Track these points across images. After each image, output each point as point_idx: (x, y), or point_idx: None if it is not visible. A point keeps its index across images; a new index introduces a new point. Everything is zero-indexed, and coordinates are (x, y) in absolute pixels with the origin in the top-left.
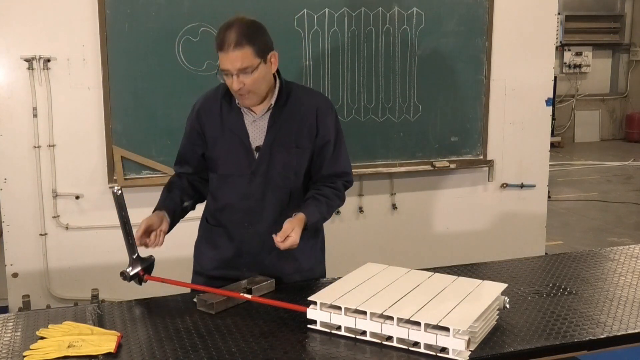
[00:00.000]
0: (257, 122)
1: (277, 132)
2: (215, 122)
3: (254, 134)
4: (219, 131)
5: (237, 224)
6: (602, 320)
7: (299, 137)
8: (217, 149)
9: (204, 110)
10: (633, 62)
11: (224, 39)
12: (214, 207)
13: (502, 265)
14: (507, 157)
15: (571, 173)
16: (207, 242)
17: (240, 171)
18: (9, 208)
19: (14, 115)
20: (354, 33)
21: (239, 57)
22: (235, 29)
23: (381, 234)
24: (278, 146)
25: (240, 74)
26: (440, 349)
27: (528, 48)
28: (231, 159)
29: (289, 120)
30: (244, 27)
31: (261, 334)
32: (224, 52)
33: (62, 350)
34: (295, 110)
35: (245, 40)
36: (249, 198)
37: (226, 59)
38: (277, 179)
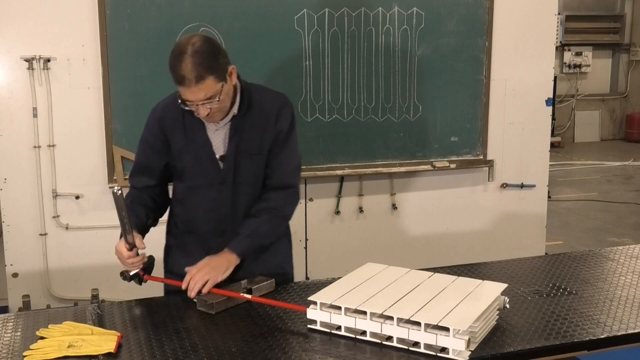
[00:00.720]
0: (220, 131)
1: (239, 140)
2: (180, 132)
3: (217, 143)
4: (183, 142)
5: (209, 232)
6: (602, 320)
7: (261, 143)
8: (182, 160)
9: (167, 119)
10: (633, 62)
11: (182, 75)
12: (184, 215)
13: (502, 265)
14: (507, 157)
15: (571, 173)
16: (178, 249)
17: (208, 181)
18: (9, 208)
19: (14, 115)
20: (354, 33)
21: (202, 90)
22: (191, 61)
23: (381, 234)
24: (241, 154)
25: (206, 103)
26: (440, 349)
27: (528, 48)
28: (198, 169)
29: (250, 127)
30: (200, 57)
31: (261, 334)
32: (185, 87)
33: (62, 350)
34: (256, 116)
35: (204, 71)
36: (219, 207)
37: (188, 93)
38: (245, 186)
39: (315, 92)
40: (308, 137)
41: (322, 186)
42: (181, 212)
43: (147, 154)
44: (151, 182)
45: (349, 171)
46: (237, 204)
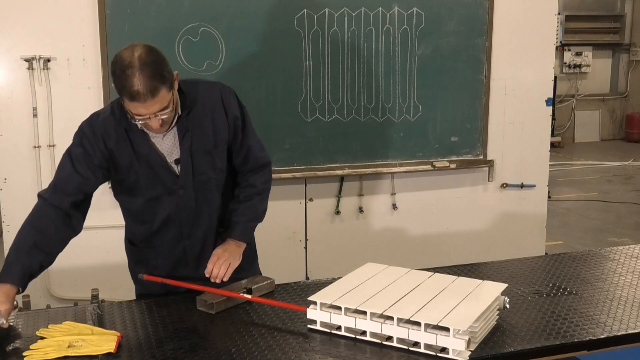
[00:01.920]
0: (168, 136)
1: (191, 139)
2: (126, 147)
3: (168, 149)
4: (132, 156)
5: (174, 239)
6: (602, 320)
7: (215, 136)
8: (134, 173)
9: (109, 136)
10: (633, 62)
11: (136, 90)
12: (143, 229)
13: (502, 265)
14: (507, 157)
15: (571, 173)
16: (142, 265)
17: (167, 189)
18: (9, 208)
19: (14, 115)
20: (354, 33)
21: (156, 103)
22: (143, 74)
23: (381, 234)
24: (197, 152)
25: (159, 114)
26: (440, 349)
27: (528, 48)
28: (154, 179)
29: (198, 124)
30: (150, 69)
31: (261, 334)
32: (139, 102)
33: (62, 350)
34: (200, 112)
35: (158, 83)
36: (182, 211)
37: (142, 107)
38: (206, 183)
39: (315, 92)
40: (308, 137)
41: (322, 186)
42: (139, 227)
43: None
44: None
45: (349, 171)
46: (199, 203)
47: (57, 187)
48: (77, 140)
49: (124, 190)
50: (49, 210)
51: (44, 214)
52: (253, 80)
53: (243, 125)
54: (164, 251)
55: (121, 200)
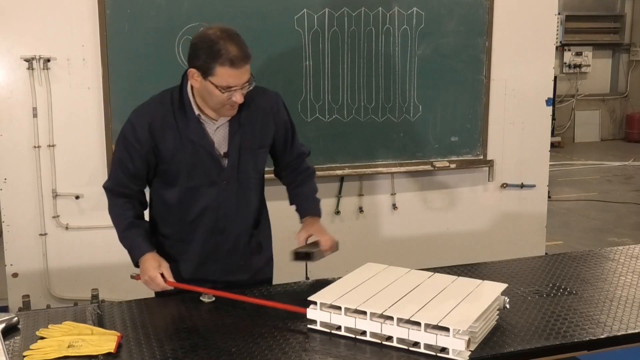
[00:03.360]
0: (219, 130)
1: (241, 136)
2: (173, 134)
3: (218, 142)
4: (178, 144)
5: (209, 233)
6: (602, 320)
7: (262, 137)
8: (176, 162)
9: (156, 123)
10: (633, 62)
11: (233, 54)
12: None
13: (502, 265)
14: (507, 157)
15: (571, 173)
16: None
17: (209, 181)
18: (9, 208)
19: (14, 115)
20: (354, 33)
21: (247, 71)
22: (239, 42)
23: (381, 234)
24: (244, 150)
25: (244, 87)
26: (440, 349)
27: (528, 48)
28: (197, 170)
29: (249, 123)
30: (240, 38)
31: (261, 334)
32: (236, 69)
33: (62, 350)
34: (253, 113)
35: (249, 51)
36: (221, 205)
37: (235, 75)
38: (247, 181)
39: (315, 92)
40: (308, 137)
41: (322, 186)
42: (174, 219)
43: (135, 160)
44: (142, 186)
45: (349, 171)
46: (238, 200)
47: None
48: (127, 131)
49: (162, 181)
50: (119, 200)
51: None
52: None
53: (292, 130)
54: (197, 244)
55: (158, 194)
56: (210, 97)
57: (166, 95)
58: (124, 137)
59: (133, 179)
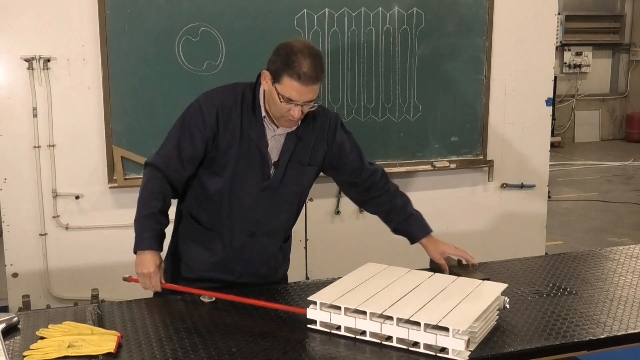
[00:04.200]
0: (277, 137)
1: (294, 149)
2: (234, 126)
3: (271, 148)
4: (237, 136)
5: (239, 232)
6: (602, 320)
7: (313, 154)
8: (230, 154)
9: (223, 110)
10: (633, 62)
11: (304, 70)
12: (211, 211)
13: (502, 265)
14: (507, 157)
15: (571, 173)
16: (196, 243)
17: (252, 182)
18: (9, 208)
19: (14, 115)
20: (354, 33)
21: (313, 91)
22: (314, 60)
23: (381, 234)
24: (294, 163)
25: (305, 106)
26: (440, 349)
27: (528, 48)
28: (245, 167)
29: (305, 139)
30: (320, 60)
31: (261, 334)
32: (302, 85)
33: (62, 350)
34: (310, 129)
35: (321, 73)
36: (256, 209)
37: (299, 90)
38: (288, 194)
39: None
40: None
41: (322, 186)
42: (209, 208)
43: (195, 141)
44: (191, 171)
45: None
46: (275, 209)
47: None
48: (194, 111)
49: (209, 168)
50: (156, 183)
51: (159, 181)
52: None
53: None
54: (224, 239)
55: (201, 179)
56: (273, 104)
57: (239, 88)
58: (190, 116)
59: (184, 161)
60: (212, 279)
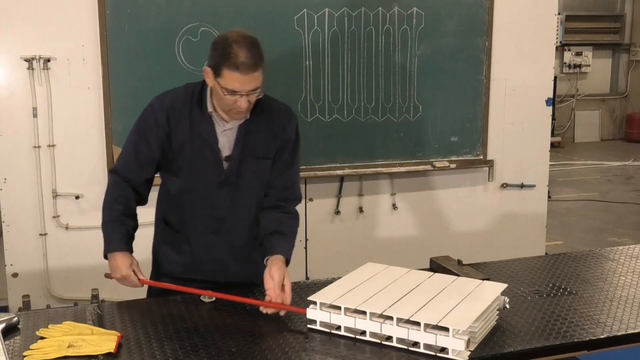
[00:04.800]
0: (227, 132)
1: (246, 143)
2: (185, 125)
3: (222, 143)
4: (187, 136)
5: (203, 230)
6: (602, 320)
7: (267, 147)
8: (183, 154)
9: (174, 111)
10: (633, 62)
11: (241, 60)
12: (177, 212)
13: (502, 265)
14: (507, 157)
15: (571, 173)
16: (168, 245)
17: (208, 179)
18: (9, 208)
19: (14, 115)
20: (354, 33)
21: (254, 79)
22: (251, 48)
23: (381, 234)
24: (247, 157)
25: (250, 95)
26: (440, 349)
27: (528, 48)
28: (199, 166)
29: (258, 132)
30: (257, 47)
31: (261, 334)
32: (242, 75)
33: (62, 350)
34: (263, 122)
35: (260, 61)
36: (217, 207)
37: (240, 80)
38: (246, 189)
39: (315, 92)
40: (308, 137)
41: (322, 186)
42: (174, 210)
43: (150, 144)
44: (149, 175)
45: (349, 171)
46: (235, 205)
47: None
48: (148, 114)
49: (169, 170)
50: (117, 189)
51: (120, 186)
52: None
53: (294, 152)
54: (192, 240)
55: (164, 178)
56: (219, 98)
57: (190, 87)
58: (144, 120)
59: (143, 165)
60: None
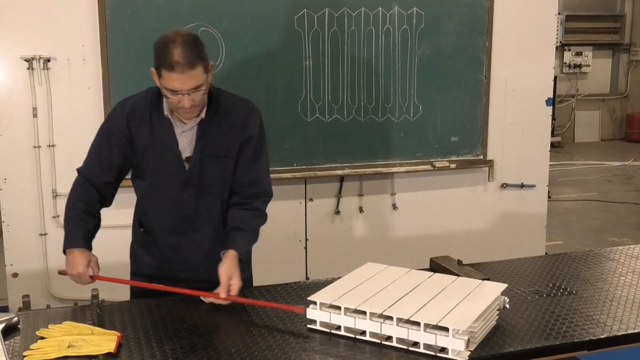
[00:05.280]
0: (186, 133)
1: (205, 142)
2: (146, 129)
3: (183, 145)
4: (149, 139)
5: (170, 231)
6: (602, 320)
7: (228, 146)
8: (146, 158)
9: (134, 116)
10: (633, 62)
11: (175, 60)
12: (145, 215)
13: (502, 265)
14: (507, 157)
15: (571, 173)
16: (141, 247)
17: (171, 181)
18: (9, 208)
19: (14, 115)
20: (354, 33)
21: (193, 77)
22: (185, 47)
23: (381, 234)
24: (208, 156)
25: (192, 93)
26: (440, 349)
27: (528, 48)
28: (162, 168)
29: (217, 131)
30: (193, 44)
31: (261, 334)
32: (176, 74)
33: (62, 350)
34: (223, 121)
35: (196, 58)
36: (182, 207)
37: (178, 79)
38: (209, 188)
39: (315, 92)
40: (308, 137)
41: (322, 186)
42: (144, 212)
43: (112, 148)
44: (110, 178)
45: (349, 171)
46: (200, 204)
47: (92, 162)
48: (111, 117)
49: (136, 173)
50: (86, 185)
51: (83, 185)
52: (253, 80)
53: (258, 148)
54: (160, 241)
55: (133, 182)
56: (165, 99)
57: (149, 92)
58: (106, 125)
59: (104, 169)
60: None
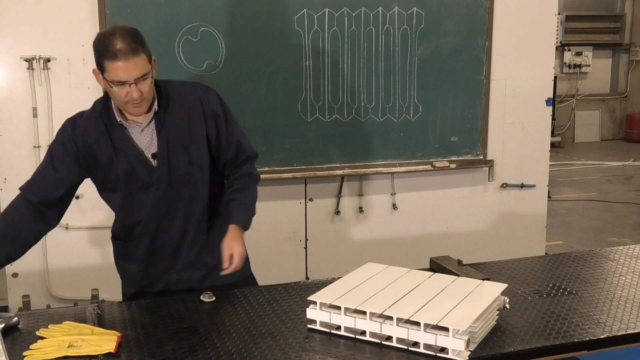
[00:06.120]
0: (145, 131)
1: (168, 134)
2: (106, 142)
3: (146, 144)
4: (111, 151)
5: (151, 233)
6: (602, 320)
7: (192, 131)
8: (113, 170)
9: (88, 133)
10: (633, 62)
11: (117, 47)
12: (123, 225)
13: (502, 265)
14: (507, 157)
15: (571, 173)
16: (125, 259)
17: (144, 184)
18: None
19: (14, 115)
20: (354, 33)
21: (138, 65)
22: (125, 36)
23: (381, 234)
24: (173, 148)
25: (139, 82)
26: (440, 349)
27: (528, 48)
28: (131, 175)
29: (176, 119)
30: (133, 34)
31: (261, 334)
32: (120, 62)
33: (62, 350)
34: (178, 108)
35: (138, 46)
36: (159, 206)
37: (123, 68)
38: (182, 178)
39: (315, 92)
40: (308, 137)
41: (322, 186)
42: (121, 222)
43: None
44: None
45: (349, 171)
46: (175, 198)
47: (34, 182)
48: (58, 137)
49: (105, 187)
50: (21, 205)
51: (17, 208)
52: (253, 80)
53: (226, 121)
54: (143, 244)
55: (104, 197)
56: (113, 96)
57: (95, 105)
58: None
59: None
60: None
